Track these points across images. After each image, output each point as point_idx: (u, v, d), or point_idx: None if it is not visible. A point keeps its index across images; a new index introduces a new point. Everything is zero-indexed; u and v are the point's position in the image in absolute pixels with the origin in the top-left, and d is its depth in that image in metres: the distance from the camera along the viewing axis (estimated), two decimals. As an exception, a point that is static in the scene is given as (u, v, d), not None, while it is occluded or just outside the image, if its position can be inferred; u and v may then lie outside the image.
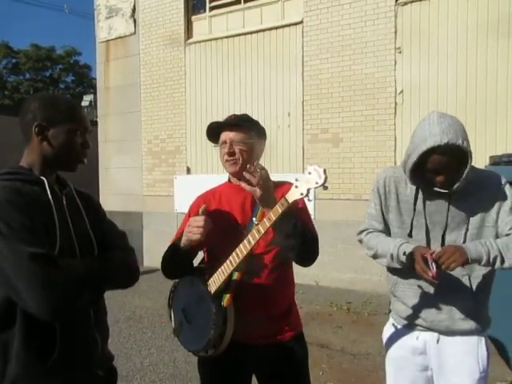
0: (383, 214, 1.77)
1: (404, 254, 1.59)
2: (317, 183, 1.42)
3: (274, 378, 1.75)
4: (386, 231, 1.78)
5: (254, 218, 1.60)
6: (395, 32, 5.54)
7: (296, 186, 1.46)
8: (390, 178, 1.75)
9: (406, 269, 1.62)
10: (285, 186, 1.64)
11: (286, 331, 1.75)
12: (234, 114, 1.81)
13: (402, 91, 5.54)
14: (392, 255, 1.64)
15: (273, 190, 1.56)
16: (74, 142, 1.33)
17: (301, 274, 2.98)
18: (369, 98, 5.69)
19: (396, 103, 5.57)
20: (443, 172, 1.56)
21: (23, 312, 1.17)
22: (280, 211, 1.46)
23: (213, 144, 1.84)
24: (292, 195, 1.46)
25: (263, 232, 1.50)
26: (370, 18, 5.65)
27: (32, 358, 1.21)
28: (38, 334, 1.21)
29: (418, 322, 1.72)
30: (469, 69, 5.19)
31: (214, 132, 1.79)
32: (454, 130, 1.52)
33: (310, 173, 1.43)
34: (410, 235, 1.69)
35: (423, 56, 5.42)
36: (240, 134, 1.71)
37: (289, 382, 1.74)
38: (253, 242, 1.53)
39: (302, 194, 1.44)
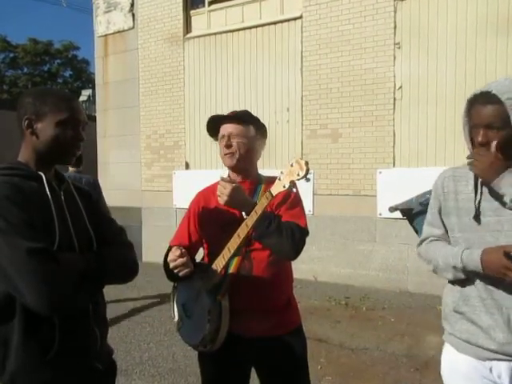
0: (442, 219, 1.55)
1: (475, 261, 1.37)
2: (298, 175, 1.44)
3: (273, 371, 1.76)
4: (447, 237, 1.55)
5: (243, 213, 1.61)
6: (394, 27, 5.52)
7: (279, 179, 1.48)
8: (449, 177, 1.54)
9: (475, 276, 1.42)
10: (273, 180, 1.65)
11: (285, 325, 1.76)
12: (235, 110, 1.82)
13: (401, 87, 5.53)
14: (455, 267, 1.42)
15: (238, 198, 1.58)
16: (62, 134, 1.29)
17: (299, 269, 3.01)
18: (368, 94, 5.69)
19: (395, 99, 5.56)
20: (481, 126, 1.38)
21: (22, 306, 1.17)
22: (265, 204, 1.50)
23: (212, 139, 1.85)
24: (276, 188, 1.49)
25: (251, 226, 1.53)
26: (370, 13, 5.63)
27: (31, 351, 1.22)
28: (38, 327, 1.21)
29: (490, 345, 1.42)
30: (468, 64, 5.18)
31: (213, 126, 1.79)
32: (509, 87, 1.37)
33: (292, 165, 1.45)
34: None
35: (422, 51, 5.40)
36: (238, 127, 1.71)
37: (288, 376, 1.76)
38: (242, 236, 1.57)
39: (284, 187, 1.47)
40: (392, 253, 5.61)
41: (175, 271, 1.61)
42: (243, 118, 1.75)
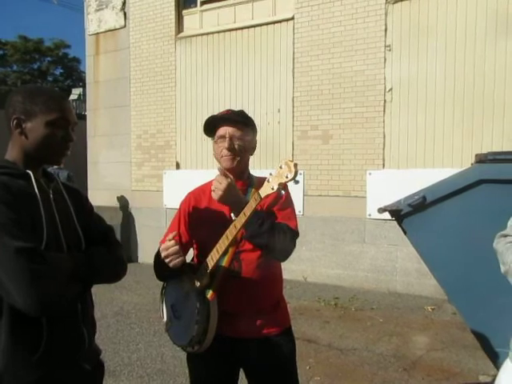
0: None
1: None
2: (287, 177, 1.44)
3: (262, 372, 1.76)
4: None
5: (232, 214, 1.62)
6: (385, 30, 5.57)
7: (268, 181, 1.48)
8: None
9: None
10: (263, 181, 1.65)
11: (274, 326, 1.76)
12: (231, 110, 1.80)
13: (391, 89, 5.57)
14: None
15: (233, 195, 1.57)
16: (52, 135, 1.28)
17: (289, 270, 3.01)
18: (358, 96, 5.72)
19: (385, 101, 5.60)
20: None
21: (10, 305, 1.16)
22: (254, 206, 1.49)
23: (207, 137, 1.83)
24: (264, 190, 1.48)
25: (239, 227, 1.53)
26: (361, 15, 5.67)
27: (19, 351, 1.21)
28: (25, 327, 1.21)
29: None
30: (457, 67, 5.24)
31: (211, 125, 1.76)
32: None
33: (281, 167, 1.46)
34: None
35: (412, 54, 5.46)
36: (240, 130, 1.71)
37: (276, 377, 1.76)
38: (230, 238, 1.56)
39: (272, 189, 1.47)
40: (381, 254, 5.65)
41: (167, 260, 1.58)
42: (245, 120, 1.75)
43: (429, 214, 2.73)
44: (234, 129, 1.70)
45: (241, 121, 1.73)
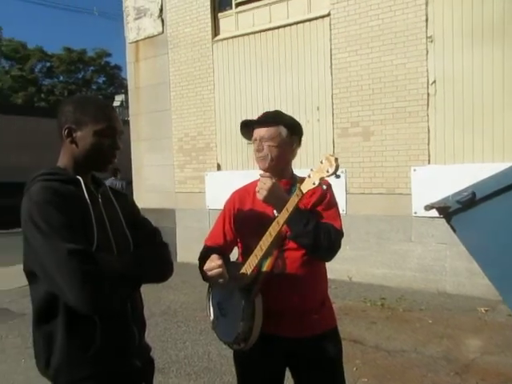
0: None
1: None
2: (328, 172, 1.43)
3: (308, 372, 1.75)
4: None
5: (274, 211, 1.63)
6: (426, 20, 5.38)
7: (309, 176, 1.48)
8: None
9: None
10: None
11: (320, 326, 1.75)
12: (267, 112, 1.83)
13: (434, 81, 5.37)
14: None
15: (277, 194, 1.59)
16: (100, 143, 1.34)
17: (333, 269, 2.96)
18: (400, 90, 5.56)
19: (428, 94, 5.41)
20: None
21: (65, 305, 1.22)
22: (296, 201, 1.50)
23: (247, 141, 1.87)
24: (306, 185, 1.48)
25: (282, 223, 1.54)
26: (399, 7, 5.50)
27: (74, 349, 1.27)
28: (80, 325, 1.26)
29: None
30: (506, 56, 4.97)
31: (246, 129, 1.83)
32: None
33: (321, 162, 1.45)
34: None
35: (457, 44, 5.23)
36: (269, 130, 1.72)
37: (323, 377, 1.74)
38: (273, 234, 1.57)
39: (314, 184, 1.47)
40: (429, 253, 5.46)
41: (212, 280, 1.64)
42: (274, 120, 1.75)
43: (479, 211, 2.61)
44: (263, 130, 1.73)
45: (271, 121, 1.74)
